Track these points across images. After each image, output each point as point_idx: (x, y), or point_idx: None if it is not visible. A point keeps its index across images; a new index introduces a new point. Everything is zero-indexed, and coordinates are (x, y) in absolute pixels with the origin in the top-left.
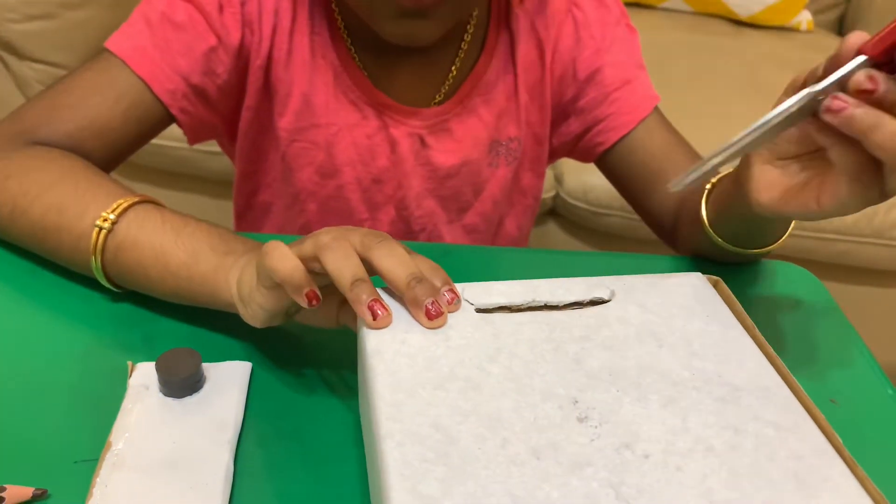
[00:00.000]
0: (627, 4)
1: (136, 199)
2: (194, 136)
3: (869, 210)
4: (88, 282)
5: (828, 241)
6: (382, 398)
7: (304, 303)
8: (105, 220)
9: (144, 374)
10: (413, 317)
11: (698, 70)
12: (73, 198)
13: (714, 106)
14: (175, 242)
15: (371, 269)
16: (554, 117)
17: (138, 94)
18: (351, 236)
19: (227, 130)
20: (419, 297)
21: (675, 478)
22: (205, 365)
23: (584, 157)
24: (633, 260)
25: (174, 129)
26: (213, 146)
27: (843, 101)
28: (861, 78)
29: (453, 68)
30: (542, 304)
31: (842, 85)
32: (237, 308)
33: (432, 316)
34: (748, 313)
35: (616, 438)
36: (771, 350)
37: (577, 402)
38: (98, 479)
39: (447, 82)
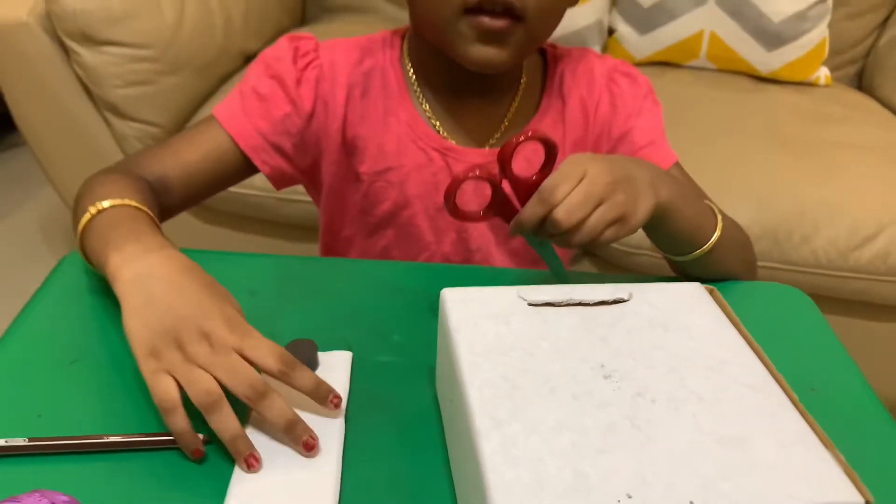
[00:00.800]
0: (657, 64)
1: (134, 203)
2: (276, 182)
3: (883, 250)
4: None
5: (846, 279)
6: (464, 358)
7: (190, 457)
8: (98, 208)
9: None
10: (291, 448)
11: (723, 123)
12: (102, 191)
13: (738, 157)
14: (113, 228)
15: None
16: None
17: (227, 147)
18: (239, 386)
19: (309, 180)
20: (298, 437)
21: (673, 415)
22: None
23: None
24: (644, 279)
25: (253, 180)
26: (287, 195)
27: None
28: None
29: (508, 115)
30: (578, 301)
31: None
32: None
33: (309, 448)
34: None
35: (632, 390)
36: (752, 339)
37: (603, 366)
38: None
39: (502, 125)
